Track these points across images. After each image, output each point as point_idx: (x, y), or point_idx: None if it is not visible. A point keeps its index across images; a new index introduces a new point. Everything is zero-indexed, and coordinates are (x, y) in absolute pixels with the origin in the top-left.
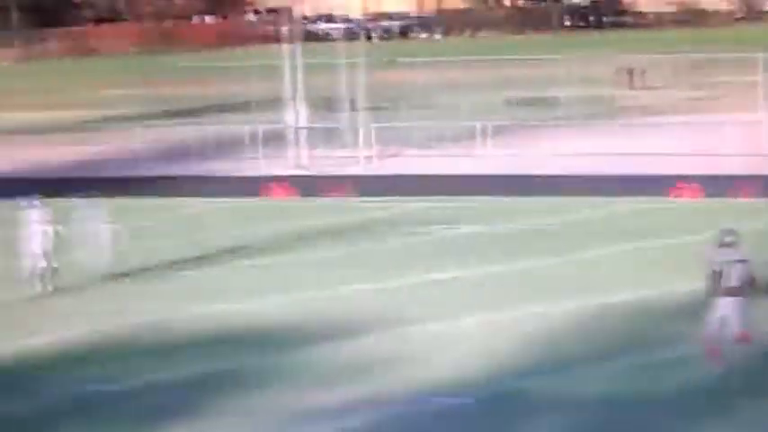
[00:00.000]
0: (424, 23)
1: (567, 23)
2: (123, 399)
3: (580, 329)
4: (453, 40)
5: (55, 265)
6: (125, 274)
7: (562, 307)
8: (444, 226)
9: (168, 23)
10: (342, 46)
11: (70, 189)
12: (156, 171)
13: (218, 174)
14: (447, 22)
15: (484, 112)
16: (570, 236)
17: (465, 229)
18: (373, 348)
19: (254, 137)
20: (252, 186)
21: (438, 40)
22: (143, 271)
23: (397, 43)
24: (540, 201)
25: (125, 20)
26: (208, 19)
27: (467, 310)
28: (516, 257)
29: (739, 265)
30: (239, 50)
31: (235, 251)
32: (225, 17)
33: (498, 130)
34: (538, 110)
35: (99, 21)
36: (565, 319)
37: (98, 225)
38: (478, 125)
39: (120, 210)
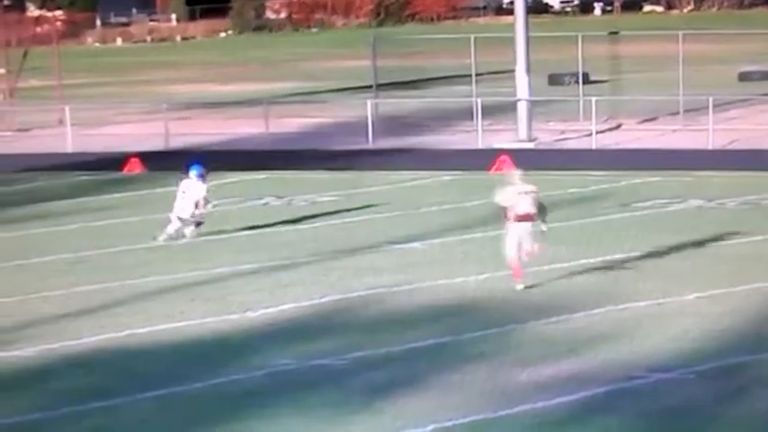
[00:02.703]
0: None
1: None
2: (343, 373)
3: None
4: (674, 13)
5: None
6: (343, 249)
7: None
8: (668, 200)
9: None
10: (566, 19)
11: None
12: (380, 144)
13: (441, 146)
14: None
15: (713, 86)
16: None
17: (690, 203)
18: (594, 323)
19: (478, 109)
20: (475, 159)
21: (660, 13)
22: (364, 245)
23: (621, 15)
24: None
25: None
26: None
27: (689, 286)
28: (739, 233)
29: (527, 196)
30: (465, 22)
31: (457, 225)
32: None
33: (726, 105)
34: (765, 85)
35: None
36: None
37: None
38: (710, 99)
39: (341, 182)
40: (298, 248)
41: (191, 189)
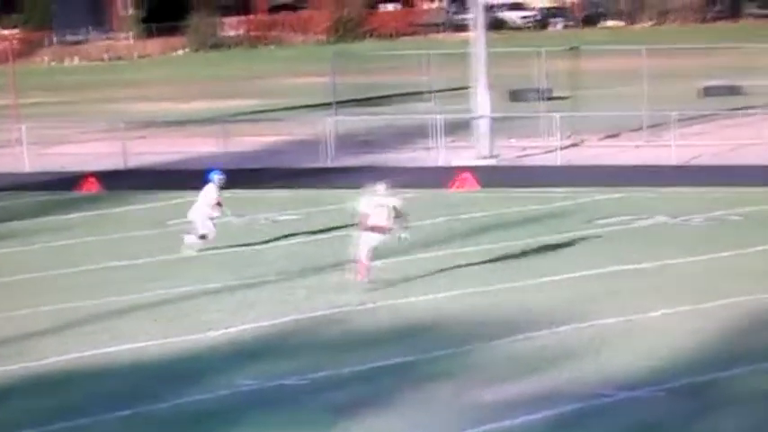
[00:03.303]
0: (609, 11)
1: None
2: (306, 393)
3: None
4: (637, 27)
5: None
6: (306, 268)
7: (755, 298)
8: (633, 217)
9: (353, 10)
10: (525, 35)
11: (251, 180)
12: (339, 162)
13: (401, 164)
14: (631, 10)
15: (673, 102)
16: (756, 227)
17: (655, 219)
18: (560, 341)
19: (438, 126)
20: (435, 177)
21: (622, 27)
22: (326, 264)
23: (582, 30)
24: (732, 191)
25: (304, 8)
26: (390, 7)
27: (656, 302)
28: (706, 249)
29: (383, 209)
30: (423, 39)
31: (416, 243)
32: (410, 5)
33: (689, 120)
34: (730, 100)
35: (276, 8)
36: (759, 310)
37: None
38: (674, 114)
39: (301, 201)
40: (260, 268)
41: (205, 194)
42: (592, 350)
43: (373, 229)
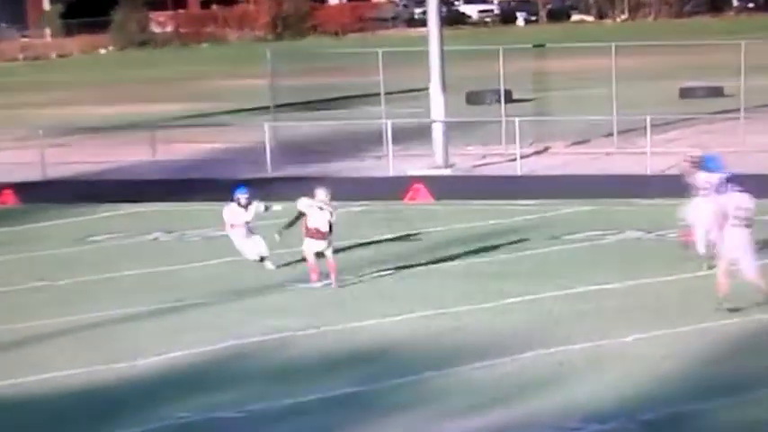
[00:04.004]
0: (577, 4)
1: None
2: (244, 427)
3: (758, 346)
4: (608, 22)
5: None
6: (241, 289)
7: (736, 322)
8: (603, 232)
9: (295, 4)
10: (485, 31)
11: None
12: (279, 172)
13: (349, 174)
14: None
15: (648, 105)
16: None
17: (627, 235)
18: (524, 368)
19: (389, 132)
20: (386, 188)
21: (591, 22)
22: (264, 284)
23: (546, 27)
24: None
25: (240, 2)
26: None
27: (629, 326)
28: (683, 267)
29: (321, 212)
30: (373, 35)
31: (365, 261)
32: None
33: (665, 125)
34: (709, 102)
35: (210, 2)
36: (739, 335)
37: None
38: (648, 118)
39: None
40: (191, 289)
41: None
42: (557, 378)
43: (314, 234)
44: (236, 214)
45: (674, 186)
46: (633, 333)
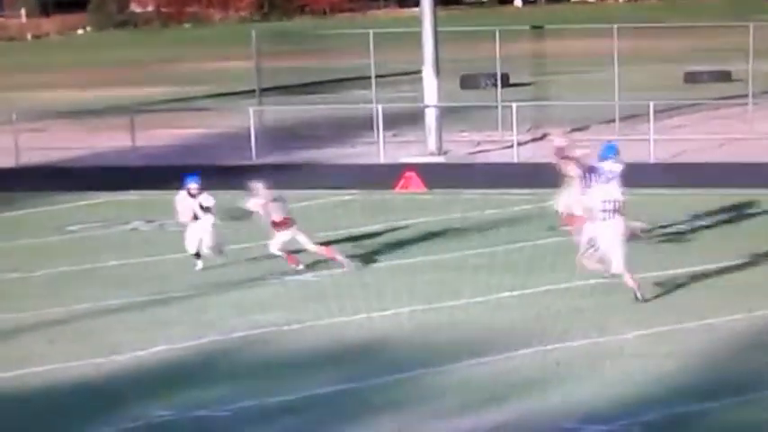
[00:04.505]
0: None
1: None
2: (228, 426)
3: (765, 343)
4: (610, 2)
5: None
6: (222, 282)
7: (744, 317)
8: None
9: None
10: (481, 11)
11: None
12: (265, 159)
13: (338, 161)
14: None
15: (651, 90)
16: (747, 235)
17: (631, 226)
18: (520, 366)
19: (380, 117)
20: (377, 176)
21: (592, 3)
22: (248, 277)
23: (546, 7)
24: (719, 194)
25: None
26: None
27: (630, 322)
28: (688, 260)
29: (276, 204)
30: (363, 15)
31: (359, 252)
32: None
33: (670, 111)
34: (716, 87)
35: None
36: (745, 331)
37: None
38: (651, 104)
39: (223, 204)
40: (171, 281)
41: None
42: (555, 377)
43: (281, 225)
44: (186, 204)
45: (680, 175)
46: (634, 330)
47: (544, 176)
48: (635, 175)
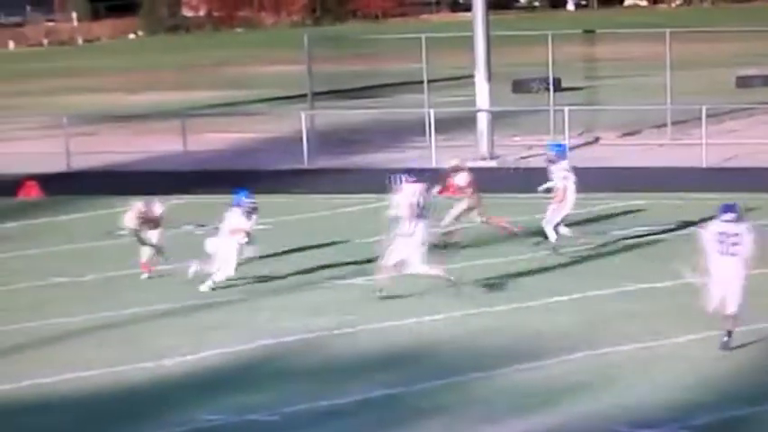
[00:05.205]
0: None
1: None
2: (277, 429)
3: None
4: (662, 7)
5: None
6: (272, 287)
7: None
8: (655, 227)
9: None
10: (533, 15)
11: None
12: (317, 163)
13: (390, 166)
14: None
15: (703, 94)
16: None
17: (681, 231)
18: (572, 371)
19: (432, 122)
20: (431, 180)
21: (644, 8)
22: (299, 281)
23: (598, 11)
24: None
25: None
26: None
27: (681, 326)
28: None
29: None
30: (415, 20)
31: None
32: None
33: (722, 115)
34: (766, 91)
35: None
36: None
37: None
38: (703, 108)
39: (271, 208)
40: (221, 285)
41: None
42: (606, 381)
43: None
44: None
45: (732, 179)
46: (685, 334)
47: (596, 181)
48: (688, 179)
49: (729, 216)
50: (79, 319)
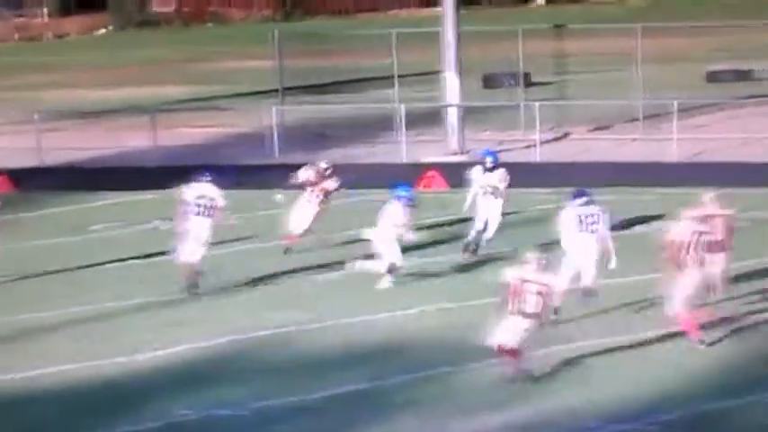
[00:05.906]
0: None
1: None
2: (247, 426)
3: None
4: (632, 2)
5: None
6: (242, 281)
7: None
8: (626, 222)
9: None
10: (502, 11)
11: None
12: (287, 158)
13: (360, 161)
14: None
15: (674, 89)
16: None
17: (652, 226)
18: (542, 365)
19: (402, 117)
20: (398, 176)
21: (614, 2)
22: (269, 276)
23: (567, 6)
24: (742, 193)
25: None
26: None
27: (652, 320)
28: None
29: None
30: (385, 15)
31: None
32: None
33: (692, 110)
34: (738, 86)
35: None
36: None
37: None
38: (675, 103)
39: (240, 203)
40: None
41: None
42: (577, 376)
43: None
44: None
45: (703, 174)
46: (657, 329)
47: (567, 176)
48: (659, 174)
49: (583, 199)
50: (53, 314)
